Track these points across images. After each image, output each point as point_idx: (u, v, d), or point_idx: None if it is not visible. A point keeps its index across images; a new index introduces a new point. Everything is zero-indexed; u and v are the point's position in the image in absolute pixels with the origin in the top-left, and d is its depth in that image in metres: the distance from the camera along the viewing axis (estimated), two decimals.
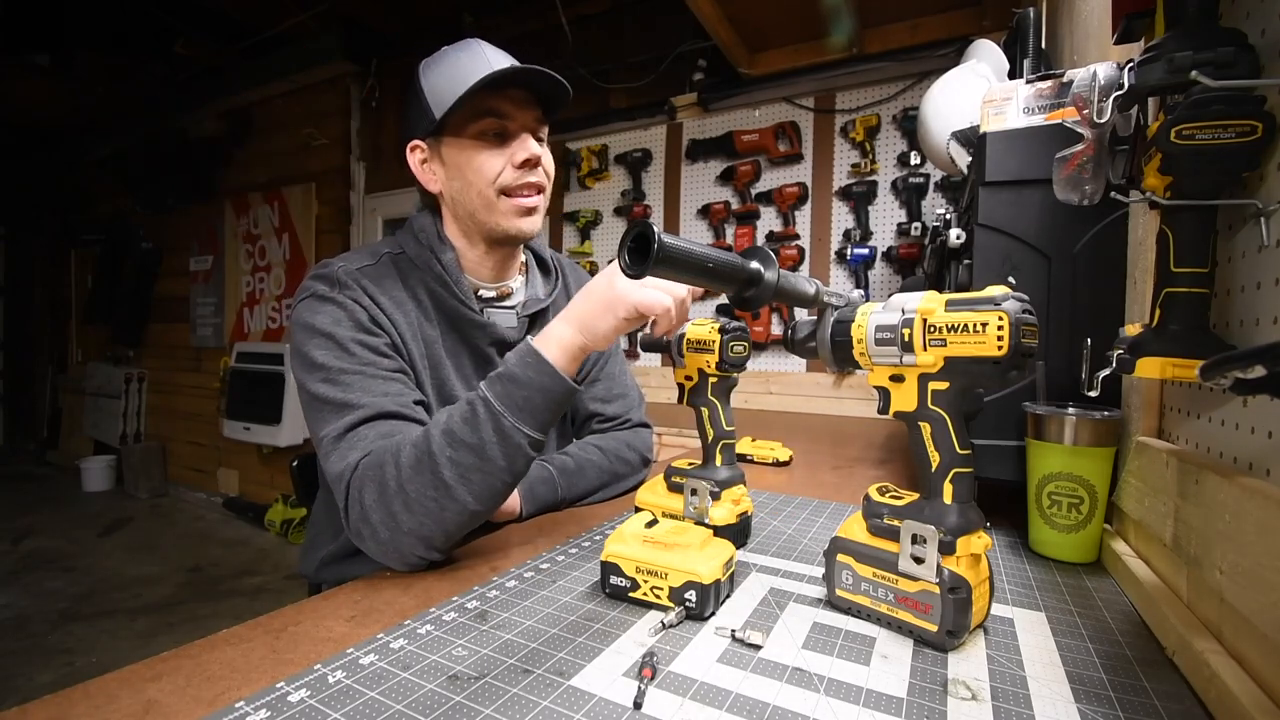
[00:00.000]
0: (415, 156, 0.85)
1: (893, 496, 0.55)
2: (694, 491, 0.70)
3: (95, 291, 4.97)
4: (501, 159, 0.81)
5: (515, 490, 0.80)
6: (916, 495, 0.54)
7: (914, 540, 0.49)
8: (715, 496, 0.69)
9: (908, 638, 0.50)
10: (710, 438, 0.73)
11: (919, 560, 0.49)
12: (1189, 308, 0.51)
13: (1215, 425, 0.52)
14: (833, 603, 0.56)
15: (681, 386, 0.75)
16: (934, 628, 0.48)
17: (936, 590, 0.48)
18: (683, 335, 0.72)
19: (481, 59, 0.79)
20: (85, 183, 5.19)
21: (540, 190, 0.84)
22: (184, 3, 3.32)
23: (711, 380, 0.72)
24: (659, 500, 0.74)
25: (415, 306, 0.83)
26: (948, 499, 0.50)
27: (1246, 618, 0.40)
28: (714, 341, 0.69)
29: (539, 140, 0.84)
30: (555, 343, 0.64)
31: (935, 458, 0.50)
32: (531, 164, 0.82)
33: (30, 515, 3.91)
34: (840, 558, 0.55)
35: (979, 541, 0.49)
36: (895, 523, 0.51)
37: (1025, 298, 0.46)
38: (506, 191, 0.82)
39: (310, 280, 0.79)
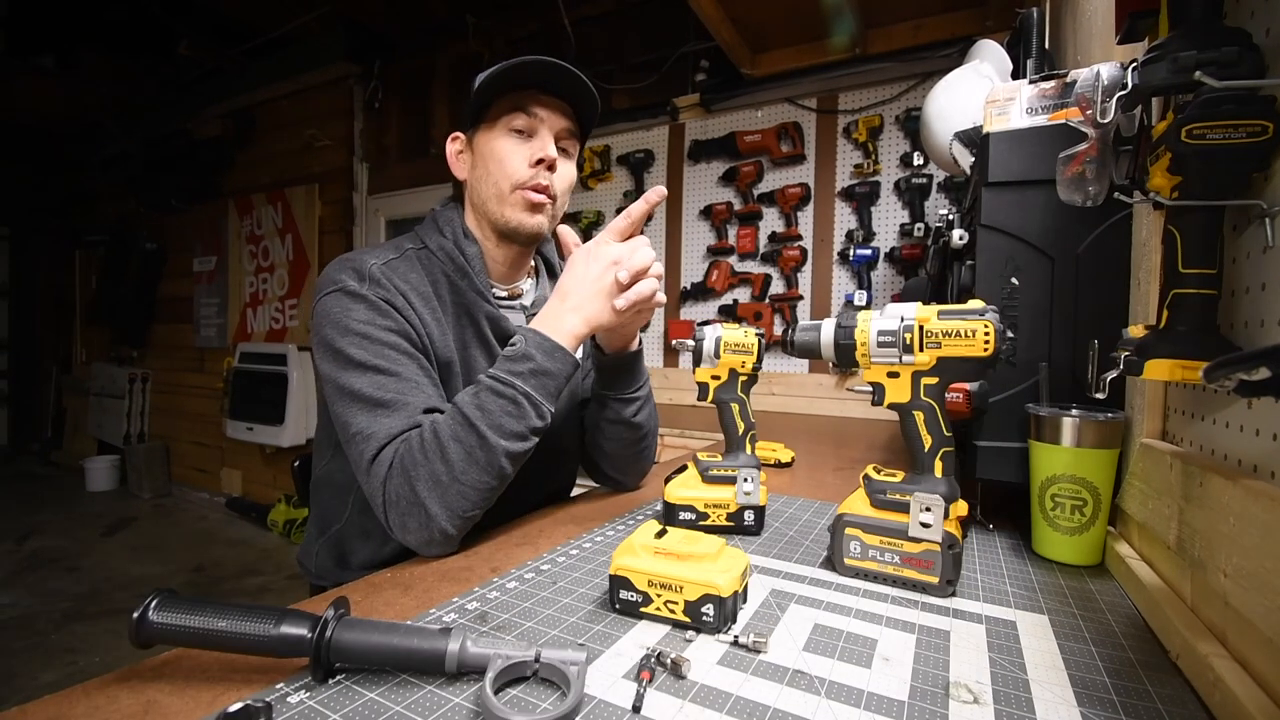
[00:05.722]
0: (453, 147, 0.89)
1: (888, 474, 0.64)
2: (747, 479, 0.75)
3: (99, 292, 4.99)
4: (522, 154, 0.83)
5: None
6: (903, 473, 0.63)
7: (924, 509, 0.58)
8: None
9: (914, 592, 0.59)
10: (741, 429, 0.79)
11: (927, 525, 0.58)
12: (1197, 309, 0.51)
13: (1220, 427, 0.51)
14: (840, 571, 0.63)
15: (705, 385, 0.79)
16: (935, 580, 0.58)
17: (938, 549, 0.58)
18: (719, 339, 0.77)
19: (532, 61, 0.79)
20: (89, 183, 5.21)
21: (550, 195, 0.84)
22: (188, 4, 3.34)
23: (742, 378, 0.78)
24: (695, 494, 0.76)
25: (436, 300, 0.83)
26: (938, 474, 0.60)
27: (1251, 621, 0.40)
28: (753, 345, 0.77)
29: (565, 153, 0.86)
30: (568, 334, 0.72)
31: (928, 440, 0.60)
32: (546, 164, 0.83)
33: (34, 515, 3.93)
34: (848, 531, 0.62)
35: (962, 506, 0.61)
36: (898, 496, 0.61)
37: (996, 309, 0.58)
38: (519, 186, 0.83)
39: (338, 274, 0.78)
